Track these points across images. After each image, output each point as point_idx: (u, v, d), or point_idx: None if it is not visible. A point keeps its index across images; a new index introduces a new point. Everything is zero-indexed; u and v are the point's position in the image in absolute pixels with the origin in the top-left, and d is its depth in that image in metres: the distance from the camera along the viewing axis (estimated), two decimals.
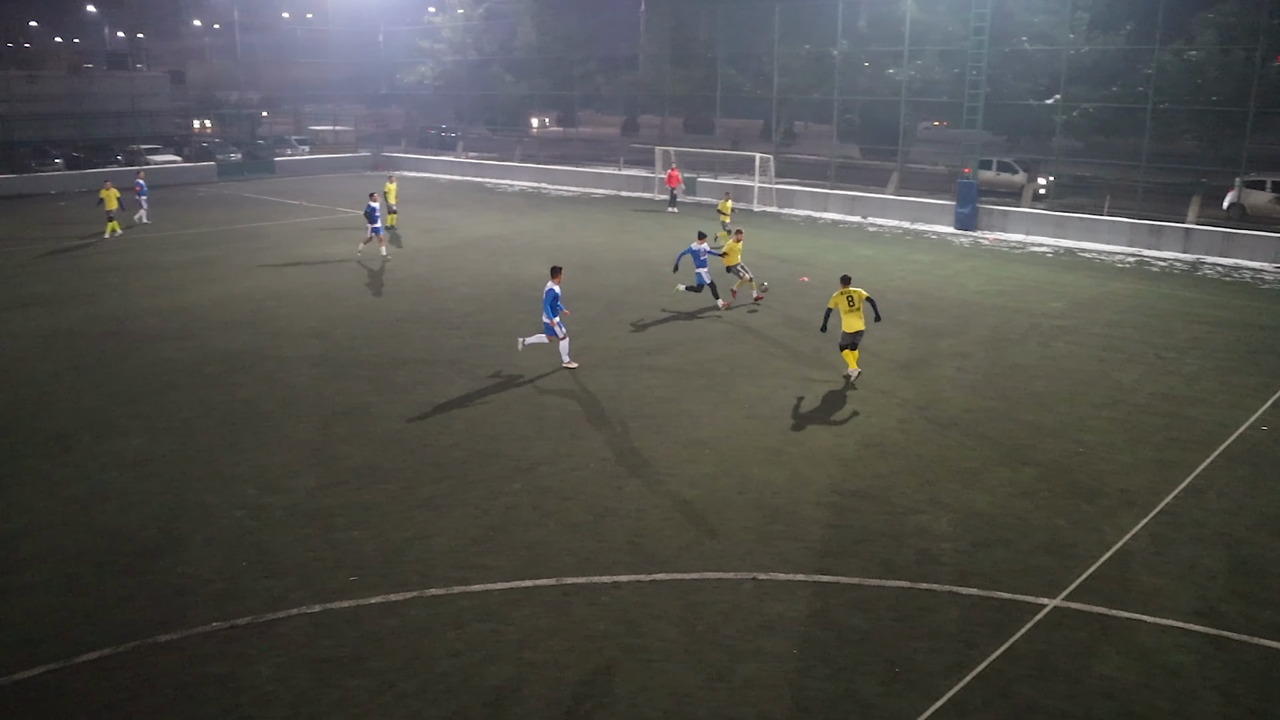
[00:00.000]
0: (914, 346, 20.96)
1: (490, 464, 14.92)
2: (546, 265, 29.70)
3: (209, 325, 23.14)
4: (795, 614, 10.80)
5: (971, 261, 31.16)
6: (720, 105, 51.43)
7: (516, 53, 60.59)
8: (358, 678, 9.72)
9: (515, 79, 61.19)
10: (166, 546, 12.44)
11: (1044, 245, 34.62)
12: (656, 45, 58.11)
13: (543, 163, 56.11)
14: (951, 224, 38.04)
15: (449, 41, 63.87)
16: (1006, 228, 37.00)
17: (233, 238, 35.92)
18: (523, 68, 60.61)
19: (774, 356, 20.38)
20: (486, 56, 62.36)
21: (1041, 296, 25.89)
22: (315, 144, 69.06)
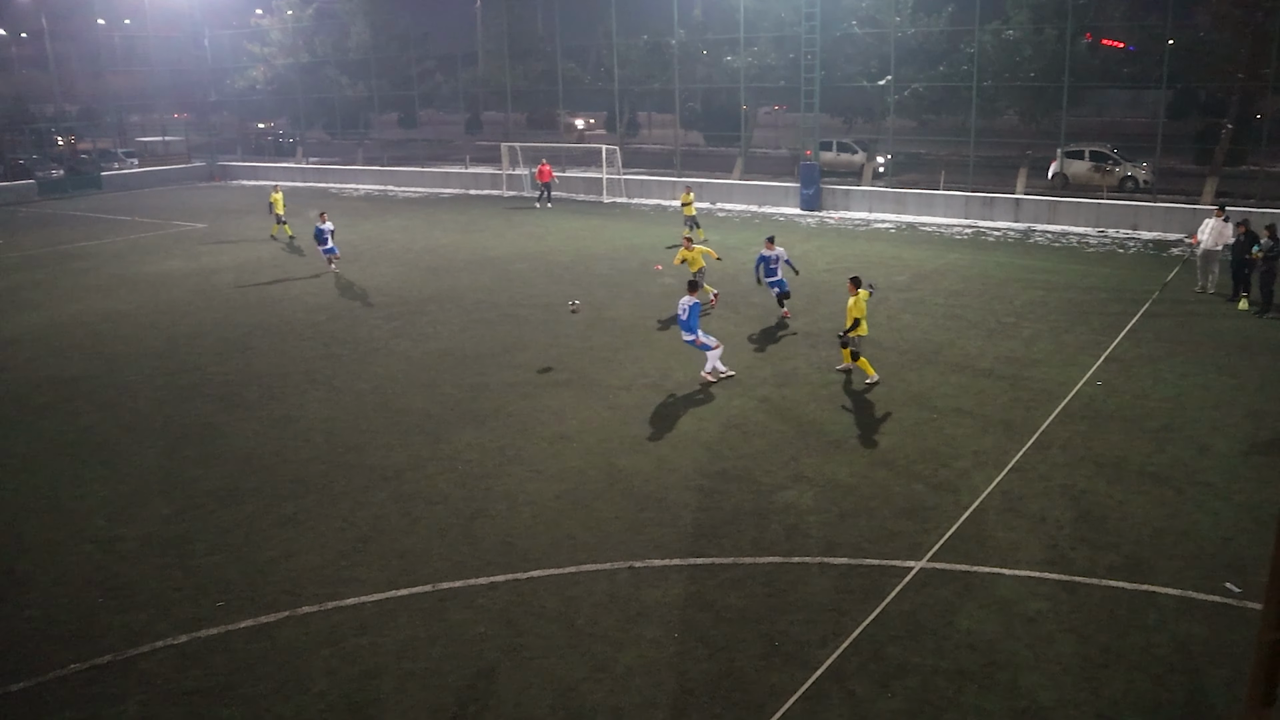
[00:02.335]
0: (768, 327, 21.40)
1: (353, 474, 14.58)
2: (394, 267, 29.35)
3: (38, 353, 21.86)
4: (672, 598, 10.91)
5: (818, 241, 32.00)
6: (563, 99, 51.39)
7: (351, 54, 59.09)
8: (231, 706, 9.38)
9: (351, 80, 59.69)
10: (9, 590, 11.73)
11: (886, 221, 35.84)
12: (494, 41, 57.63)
13: (386, 164, 55.03)
14: (797, 205, 38.97)
15: (279, 44, 61.85)
16: (849, 206, 38.15)
17: (58, 259, 34.01)
18: (358, 68, 59.17)
19: (631, 346, 20.51)
20: (320, 58, 60.62)
21: (886, 271, 26.79)
22: (145, 156, 65.97)
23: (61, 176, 56.66)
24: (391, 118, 66.92)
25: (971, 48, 36.49)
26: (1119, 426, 15.47)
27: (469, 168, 51.36)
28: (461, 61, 60.43)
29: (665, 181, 43.49)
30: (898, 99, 39.03)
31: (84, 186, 55.91)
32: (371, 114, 60.98)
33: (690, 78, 46.79)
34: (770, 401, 17.00)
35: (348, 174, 55.24)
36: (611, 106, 52.29)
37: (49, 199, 52.30)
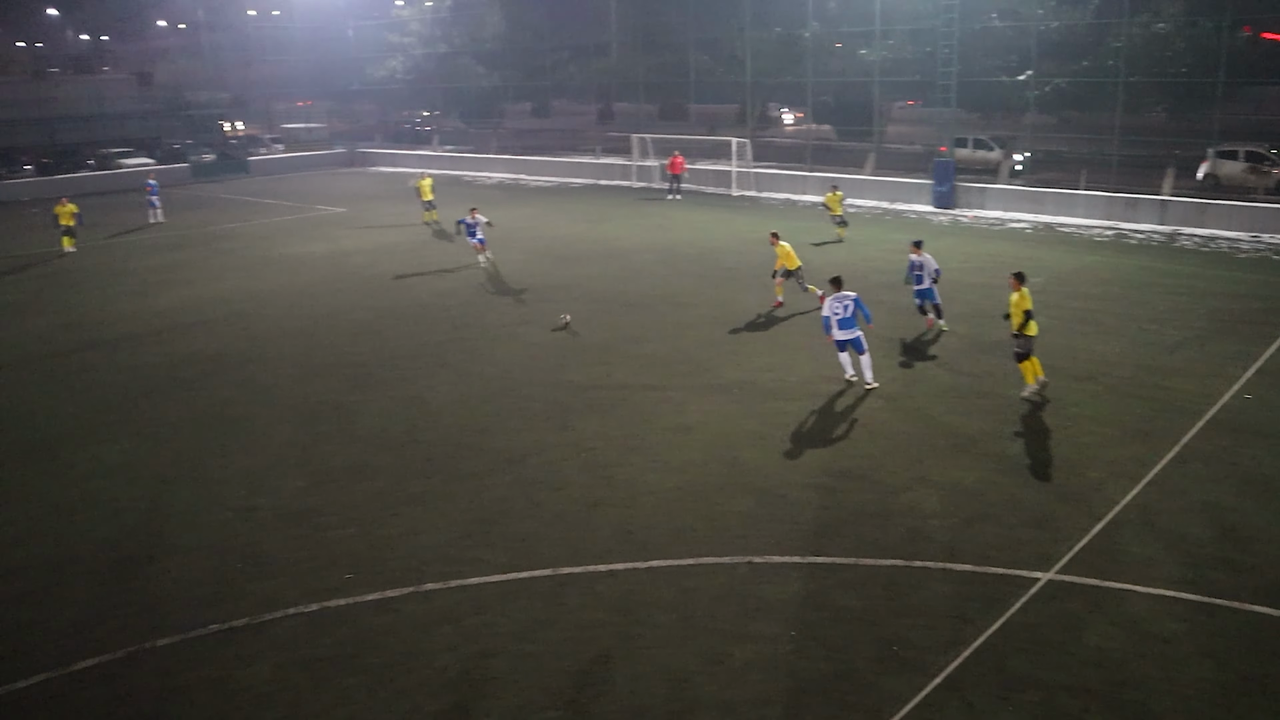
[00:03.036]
0: (896, 326, 21.01)
1: (478, 457, 14.89)
2: (524, 257, 29.83)
3: (186, 329, 22.98)
4: (790, 596, 10.83)
5: (950, 239, 31.26)
6: (694, 91, 51.38)
7: (486, 44, 60.26)
8: (355, 675, 9.70)
9: (486, 70, 60.88)
10: (156, 552, 12.37)
11: (1021, 221, 34.77)
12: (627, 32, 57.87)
13: (518, 154, 55.91)
14: (930, 202, 38.15)
15: (418, 34, 63.49)
16: (984, 205, 37.14)
17: (207, 239, 35.66)
18: (493, 59, 60.31)
19: (755, 340, 20.41)
20: (456, 48, 62.02)
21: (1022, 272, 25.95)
22: (289, 142, 68.55)
23: (212, 161, 59.33)
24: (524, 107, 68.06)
25: (1119, 41, 35.11)
26: (1269, 443, 14.68)
27: (599, 158, 51.80)
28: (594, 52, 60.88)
29: (795, 176, 43.07)
30: (1038, 94, 37.86)
31: (232, 171, 58.43)
32: (505, 103, 62.08)
33: (823, 71, 46.24)
34: (896, 401, 16.70)
35: (481, 162, 56.29)
36: (742, 99, 52.05)
37: (200, 182, 54.79)
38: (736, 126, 52.11)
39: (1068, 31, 37.15)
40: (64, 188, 50.92)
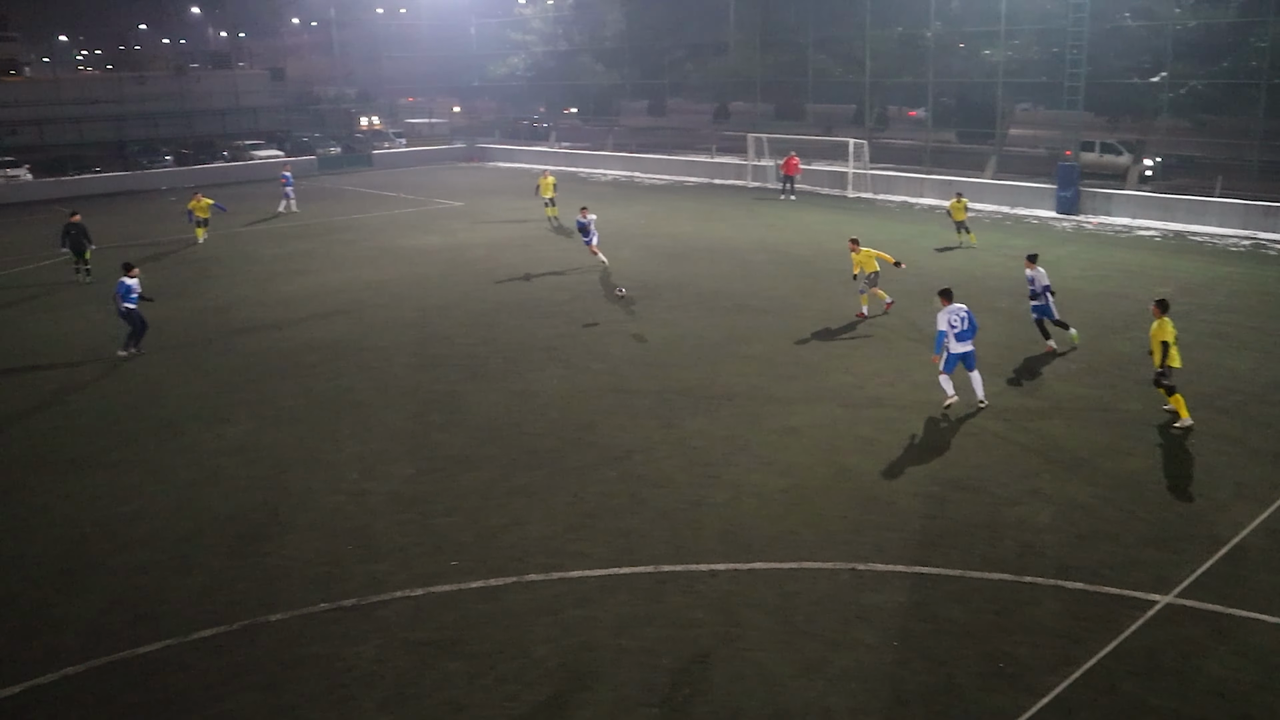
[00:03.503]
0: (1012, 334, 20.46)
1: (584, 451, 15.03)
2: (636, 252, 29.96)
3: (308, 315, 23.74)
4: (893, 605, 10.66)
5: (1072, 246, 30.31)
6: (811, 91, 50.86)
7: (606, 42, 60.71)
8: (457, 660, 9.88)
9: (605, 68, 61.33)
10: (272, 530, 12.82)
11: (1150, 229, 33.48)
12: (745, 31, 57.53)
13: (634, 151, 56.14)
14: (1052, 208, 37.03)
15: (539, 32, 64.33)
16: (1110, 211, 35.88)
17: (330, 229, 36.76)
18: (612, 57, 60.71)
19: (866, 344, 20.11)
20: (576, 46, 62.65)
21: (1147, 282, 25.05)
22: (411, 136, 70.21)
23: (338, 154, 61.14)
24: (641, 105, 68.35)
25: (1263, 41, 33.49)
26: None
27: (714, 157, 51.71)
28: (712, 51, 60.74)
29: (912, 178, 42.30)
30: (1172, 97, 36.40)
31: (357, 163, 60.12)
32: (622, 101, 62.39)
33: (944, 71, 45.29)
34: (1010, 412, 16.27)
35: (596, 159, 56.75)
36: (860, 99, 51.33)
37: (326, 174, 56.48)
38: (853, 127, 51.41)
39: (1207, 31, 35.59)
40: (199, 178, 53.17)
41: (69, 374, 19.85)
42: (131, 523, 13.19)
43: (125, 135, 61.75)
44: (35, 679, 9.82)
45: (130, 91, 67.95)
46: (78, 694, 9.59)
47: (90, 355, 21.07)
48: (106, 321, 23.82)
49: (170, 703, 9.39)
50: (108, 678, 9.82)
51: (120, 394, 18.51)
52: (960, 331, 15.86)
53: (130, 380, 19.27)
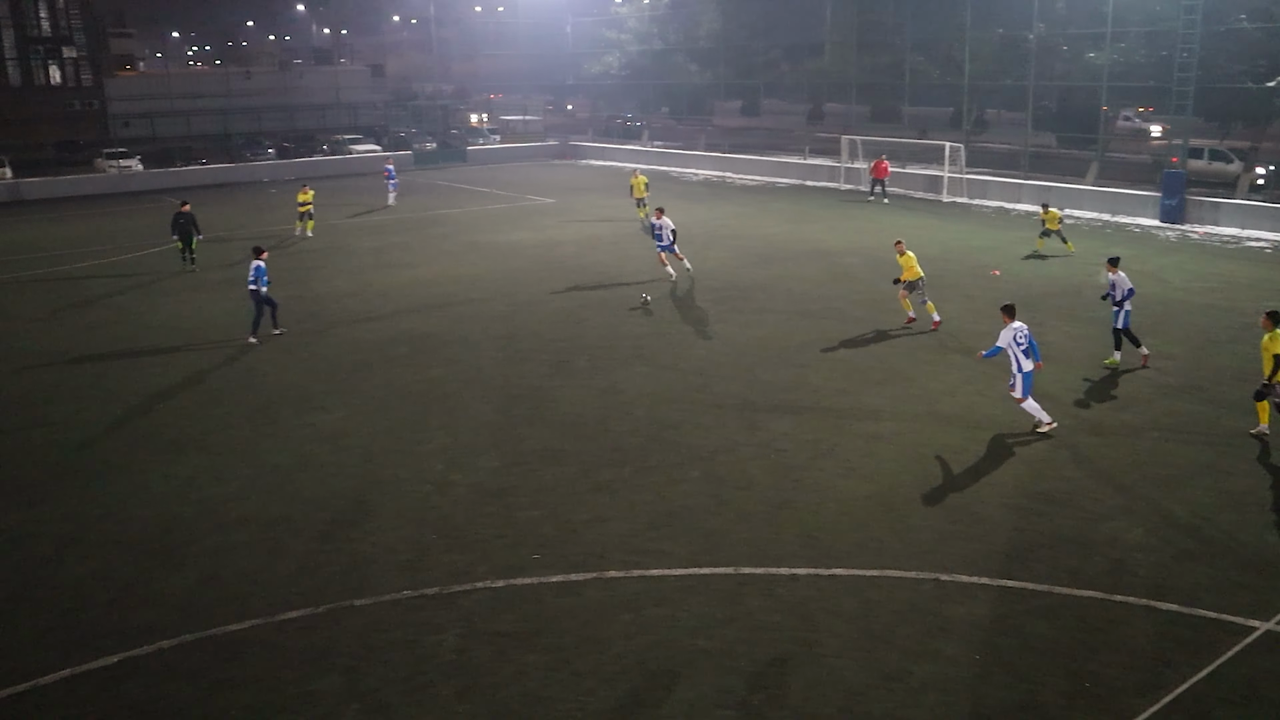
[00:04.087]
0: (1109, 345, 19.89)
1: (668, 450, 15.04)
2: (725, 253, 29.87)
3: (399, 308, 24.20)
4: (976, 618, 10.45)
5: (1176, 256, 29.36)
6: (908, 93, 50.16)
7: (700, 41, 60.69)
8: (535, 653, 9.98)
9: (699, 68, 61.32)
10: (360, 516, 13.10)
11: (1261, 240, 32.24)
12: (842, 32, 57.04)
13: (726, 151, 56.00)
14: (1156, 216, 35.92)
15: (634, 31, 64.58)
16: (1218, 221, 34.65)
17: (423, 223, 37.40)
18: (706, 56, 60.68)
19: (957, 352, 19.75)
20: (671, 45, 62.73)
21: (1256, 295, 24.12)
22: (505, 133, 71.09)
23: (434, 149, 62.18)
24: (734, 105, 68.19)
25: None
26: None
27: (807, 158, 51.30)
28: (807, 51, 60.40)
29: (1009, 183, 41.41)
30: None
31: (451, 159, 61.06)
32: (715, 101, 62.28)
33: (1046, 74, 44.26)
34: (1104, 425, 15.83)
35: (688, 159, 56.72)
36: (958, 102, 50.44)
37: (422, 169, 57.45)
38: (950, 130, 50.54)
39: None
40: (299, 170, 54.56)
41: (171, 358, 20.54)
42: (226, 504, 13.60)
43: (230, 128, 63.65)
44: (131, 650, 10.19)
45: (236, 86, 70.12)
46: (171, 667, 9.92)
47: (192, 340, 21.79)
48: (209, 308, 24.64)
49: (258, 680, 9.66)
50: (199, 653, 10.14)
51: (218, 380, 19.09)
52: (1025, 349, 15.19)
53: (228, 367, 19.86)
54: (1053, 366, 18.52)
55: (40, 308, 25.38)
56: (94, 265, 30.98)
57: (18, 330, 23.20)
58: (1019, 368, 15.10)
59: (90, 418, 17.18)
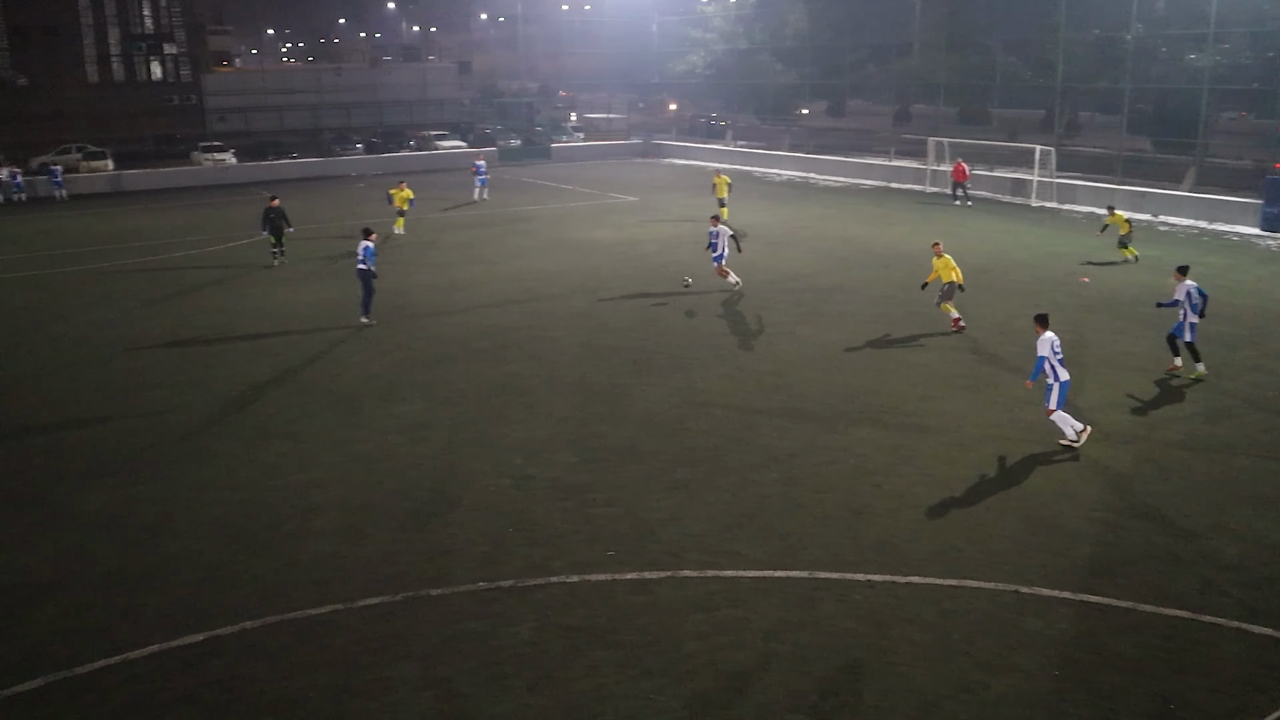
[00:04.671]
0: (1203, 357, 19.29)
1: (745, 451, 14.99)
2: (808, 255, 29.66)
3: (482, 302, 24.49)
4: (1057, 633, 10.22)
5: (1276, 266, 28.36)
6: (998, 94, 49.20)
7: (786, 40, 60.29)
8: (607, 650, 10.02)
9: (784, 67, 60.92)
10: (439, 507, 13.29)
11: None
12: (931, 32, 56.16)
13: (810, 152, 55.56)
14: (1257, 224, 34.72)
15: (720, 30, 64.40)
16: None
17: (507, 220, 37.77)
18: (792, 55, 60.26)
19: None
20: (756, 45, 62.43)
21: None
22: (589, 131, 71.47)
23: (518, 146, 62.80)
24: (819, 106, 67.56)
25: None
26: None
27: (892, 160, 50.66)
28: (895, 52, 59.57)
29: (1101, 188, 40.35)
30: None
31: (535, 156, 61.58)
32: (800, 101, 61.80)
33: (1143, 76, 43.03)
34: (1195, 439, 15.36)
35: (772, 159, 56.40)
36: (1050, 105, 49.36)
37: (506, 165, 58.02)
38: (1041, 133, 49.46)
39: None
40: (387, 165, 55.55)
41: (260, 348, 21.07)
42: (309, 491, 13.91)
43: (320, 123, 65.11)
44: (216, 630, 10.49)
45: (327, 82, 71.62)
46: (252, 647, 10.19)
47: (280, 330, 22.32)
48: (297, 299, 25.21)
49: (335, 664, 9.86)
50: (280, 635, 10.39)
51: (305, 369, 19.52)
52: (1062, 358, 14.82)
53: (315, 356, 20.30)
54: (1139, 377, 18.08)
55: (138, 295, 26.24)
56: (188, 255, 31.93)
57: (117, 317, 24.01)
58: (1056, 377, 14.71)
59: (182, 403, 17.71)
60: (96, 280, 28.47)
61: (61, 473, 14.78)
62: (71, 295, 26.56)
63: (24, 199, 47.59)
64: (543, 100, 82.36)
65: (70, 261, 31.35)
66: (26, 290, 27.43)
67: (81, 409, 17.61)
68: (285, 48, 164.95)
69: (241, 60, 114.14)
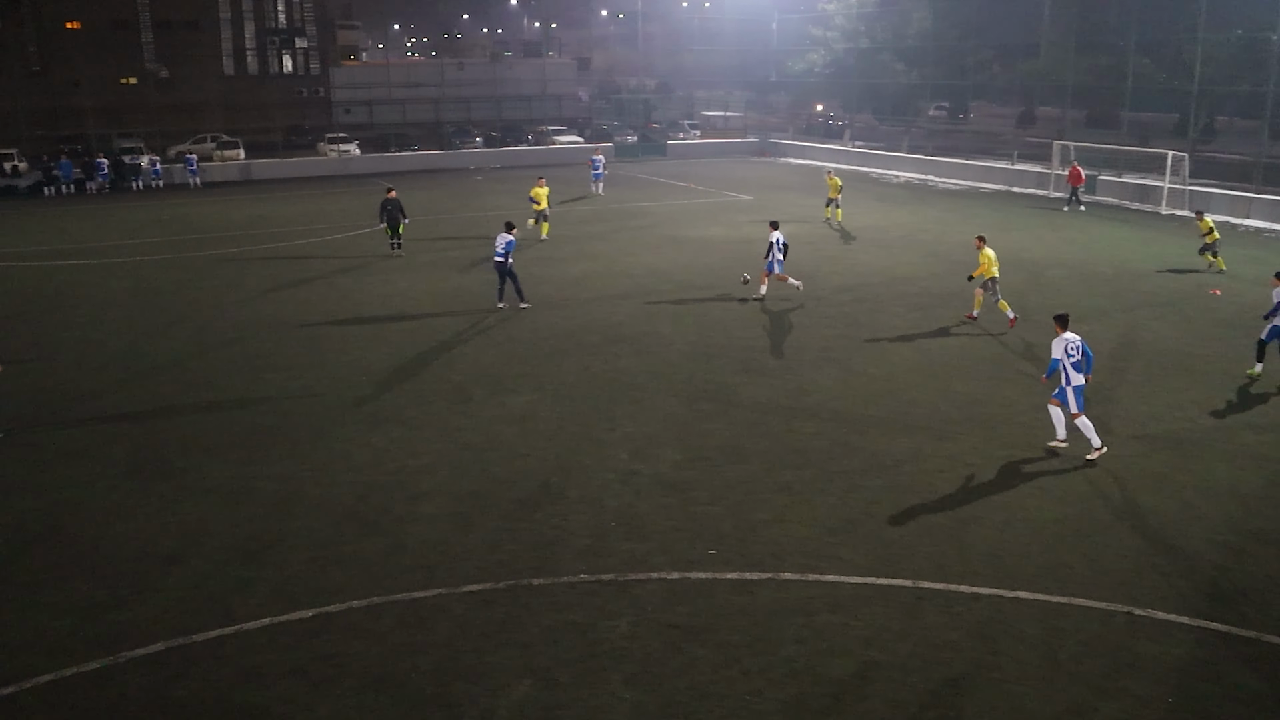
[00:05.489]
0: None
1: (853, 456, 14.80)
2: (924, 258, 29.11)
3: (595, 296, 24.69)
4: (1172, 659, 9.84)
5: None
6: (1129, 97, 47.47)
7: (909, 40, 59.22)
8: (704, 648, 10.01)
9: (905, 67, 59.86)
10: (544, 498, 13.46)
11: None
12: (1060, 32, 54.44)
13: (930, 154, 54.49)
14: None
15: (841, 29, 63.60)
16: None
17: (620, 216, 37.99)
18: (914, 55, 59.15)
19: (1167, 373, 18.61)
20: (878, 44, 61.46)
21: None
22: (705, 128, 71.36)
23: (634, 143, 63.10)
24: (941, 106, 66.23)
25: None
26: None
27: (1015, 164, 49.36)
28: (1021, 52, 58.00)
29: (1238, 197, 38.62)
30: None
31: (651, 153, 61.81)
32: (921, 102, 60.70)
33: None
34: None
35: (890, 160, 55.49)
36: (1185, 108, 47.43)
37: (622, 161, 58.35)
38: (1174, 138, 47.58)
39: None
40: (505, 159, 56.44)
41: (376, 334, 21.65)
42: (419, 476, 14.24)
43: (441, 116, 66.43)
44: (325, 607, 10.82)
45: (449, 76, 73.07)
46: (358, 626, 10.48)
47: (397, 316, 22.88)
48: (413, 288, 25.80)
49: (438, 646, 10.08)
50: (385, 615, 10.67)
51: (418, 357, 19.98)
52: (1075, 362, 14.51)
53: (428, 345, 20.75)
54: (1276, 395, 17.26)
55: (263, 280, 27.22)
56: (311, 243, 32.97)
57: (242, 301, 24.95)
58: (1067, 380, 14.50)
59: (300, 386, 18.32)
60: (227, 264, 29.63)
61: (188, 449, 15.44)
62: (204, 278, 27.71)
63: (160, 185, 49.92)
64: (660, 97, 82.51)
65: (203, 246, 32.71)
66: (164, 271, 28.73)
67: (210, 390, 18.36)
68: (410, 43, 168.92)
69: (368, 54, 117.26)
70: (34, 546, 12.41)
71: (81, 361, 20.09)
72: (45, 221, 39.53)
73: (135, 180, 49.67)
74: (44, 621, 10.69)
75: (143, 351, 20.78)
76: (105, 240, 34.37)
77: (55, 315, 23.67)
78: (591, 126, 68.52)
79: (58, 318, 23.50)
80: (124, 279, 27.89)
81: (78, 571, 11.73)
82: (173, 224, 38.01)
